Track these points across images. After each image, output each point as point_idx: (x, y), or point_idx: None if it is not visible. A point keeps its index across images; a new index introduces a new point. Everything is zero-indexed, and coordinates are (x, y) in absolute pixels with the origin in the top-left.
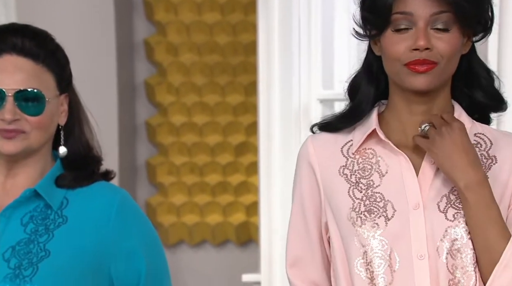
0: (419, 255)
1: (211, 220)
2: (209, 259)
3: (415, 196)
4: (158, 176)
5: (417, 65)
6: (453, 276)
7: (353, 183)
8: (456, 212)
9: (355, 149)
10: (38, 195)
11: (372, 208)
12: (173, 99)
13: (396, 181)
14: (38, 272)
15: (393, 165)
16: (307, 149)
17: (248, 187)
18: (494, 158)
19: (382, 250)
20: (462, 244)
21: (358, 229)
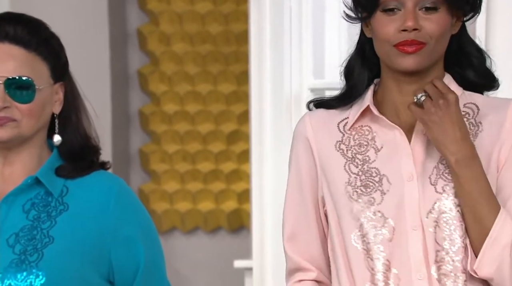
0: (413, 226)
1: (204, 207)
2: (201, 246)
3: (409, 168)
4: (151, 163)
5: (406, 46)
6: (441, 247)
7: (349, 158)
8: (445, 184)
9: (350, 125)
10: (39, 182)
11: (368, 182)
12: (165, 88)
13: (391, 155)
14: (43, 258)
15: (388, 140)
16: (304, 124)
17: (240, 174)
18: (480, 124)
19: (377, 222)
20: (450, 217)
21: (354, 203)
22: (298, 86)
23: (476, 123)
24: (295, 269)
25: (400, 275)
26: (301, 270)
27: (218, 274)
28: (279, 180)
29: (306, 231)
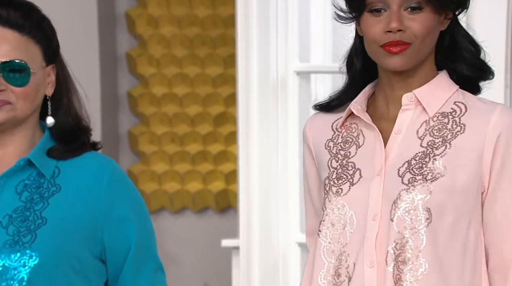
0: (372, 216)
1: (192, 187)
2: (189, 225)
3: (379, 163)
4: (140, 145)
5: (391, 47)
6: (402, 236)
7: (333, 154)
8: (411, 177)
9: (340, 123)
10: (31, 164)
11: (342, 175)
12: (154, 71)
13: (369, 151)
14: (36, 239)
15: (369, 137)
16: (305, 129)
17: (227, 156)
18: (463, 126)
19: (342, 213)
20: (412, 207)
21: (327, 196)
22: (284, 70)
23: (460, 123)
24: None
25: (356, 263)
26: None
27: (206, 253)
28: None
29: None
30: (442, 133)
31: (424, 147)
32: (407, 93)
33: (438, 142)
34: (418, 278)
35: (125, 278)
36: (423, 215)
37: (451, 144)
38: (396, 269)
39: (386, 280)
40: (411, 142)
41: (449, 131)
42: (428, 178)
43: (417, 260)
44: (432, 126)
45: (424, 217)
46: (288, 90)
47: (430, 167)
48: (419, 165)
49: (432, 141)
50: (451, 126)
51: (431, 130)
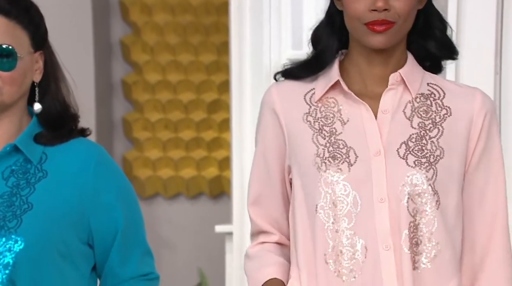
0: (379, 198)
1: (185, 174)
2: (183, 211)
3: (376, 143)
4: (134, 131)
5: (376, 25)
6: (414, 219)
7: (317, 130)
8: (416, 159)
9: (318, 98)
10: (18, 149)
11: (336, 154)
12: (147, 58)
13: (358, 129)
14: (22, 224)
15: (354, 113)
16: (271, 95)
17: (220, 142)
18: (449, 108)
19: (345, 194)
20: (422, 190)
21: (323, 174)
22: (277, 57)
23: (444, 106)
24: (258, 232)
25: (367, 245)
26: (264, 233)
27: (200, 239)
28: None
29: (269, 197)
30: (430, 115)
31: (415, 128)
32: (393, 74)
33: (429, 124)
34: (432, 259)
35: (113, 263)
36: (433, 197)
37: (443, 126)
38: (411, 251)
39: (403, 262)
40: (401, 122)
41: (436, 113)
42: (432, 160)
43: (430, 242)
44: (417, 107)
45: (434, 200)
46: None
47: (430, 149)
48: (418, 147)
49: (423, 123)
50: (435, 109)
51: (417, 112)
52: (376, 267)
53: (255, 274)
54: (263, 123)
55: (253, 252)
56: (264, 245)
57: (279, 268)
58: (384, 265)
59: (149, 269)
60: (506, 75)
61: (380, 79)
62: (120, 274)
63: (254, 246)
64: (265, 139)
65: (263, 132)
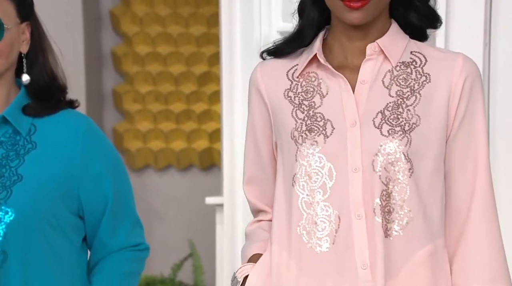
0: (353, 169)
1: (176, 146)
2: (174, 183)
3: (352, 114)
4: (124, 103)
5: (352, 2)
6: (386, 187)
7: (296, 105)
8: (390, 128)
9: (299, 72)
10: (6, 121)
11: (313, 127)
12: (137, 29)
13: (336, 101)
14: (12, 195)
15: (333, 86)
16: (256, 75)
17: (211, 115)
18: (428, 75)
19: (320, 166)
20: (395, 158)
21: (299, 147)
22: (267, 29)
23: (424, 73)
24: (256, 210)
25: (340, 215)
26: (261, 211)
27: (190, 210)
28: None
29: (261, 176)
30: (408, 83)
31: (393, 96)
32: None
33: (407, 92)
34: (404, 226)
35: (103, 234)
36: (406, 165)
37: (420, 94)
38: (383, 220)
39: (375, 230)
40: (379, 92)
41: (415, 81)
42: (406, 128)
43: (402, 210)
44: (396, 75)
45: (407, 168)
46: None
47: (405, 117)
48: (394, 116)
49: (401, 91)
50: (415, 76)
51: (396, 80)
52: (348, 236)
53: (245, 251)
54: (250, 104)
55: (249, 230)
56: (260, 223)
57: (265, 243)
58: (356, 234)
59: (139, 240)
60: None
61: (360, 51)
62: (110, 245)
63: (251, 224)
64: (253, 120)
65: (251, 113)
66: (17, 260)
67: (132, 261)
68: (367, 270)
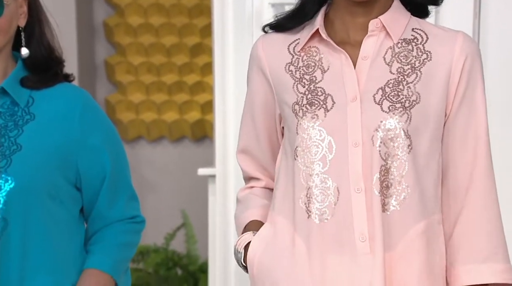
0: (354, 143)
1: (168, 117)
2: (166, 154)
3: (353, 89)
4: (116, 75)
5: None
6: (385, 163)
7: (297, 79)
8: (390, 105)
9: (300, 47)
10: (5, 92)
11: (314, 101)
12: (129, 0)
13: (337, 76)
14: (12, 164)
15: (334, 61)
16: (256, 49)
17: (203, 86)
18: (429, 53)
19: (320, 139)
20: (395, 134)
21: (300, 120)
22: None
23: (425, 51)
24: (248, 178)
25: (339, 188)
26: (253, 179)
27: (183, 181)
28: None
29: (255, 147)
30: (409, 61)
31: (394, 73)
32: (373, 20)
33: (408, 69)
34: (401, 201)
35: (100, 206)
36: (405, 141)
37: (421, 71)
38: (381, 194)
39: (373, 204)
40: (380, 68)
41: (416, 58)
42: (406, 105)
43: (400, 185)
44: (397, 52)
45: (406, 144)
46: (263, 21)
47: (406, 94)
48: (394, 93)
49: (402, 69)
50: (416, 54)
51: (398, 57)
52: (347, 209)
53: (239, 217)
54: (250, 77)
55: (241, 196)
56: (252, 189)
57: (260, 210)
58: (355, 207)
59: (135, 212)
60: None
61: (362, 27)
62: (107, 217)
63: (243, 190)
64: (252, 93)
65: (251, 86)
66: (18, 227)
67: (129, 233)
68: (366, 243)
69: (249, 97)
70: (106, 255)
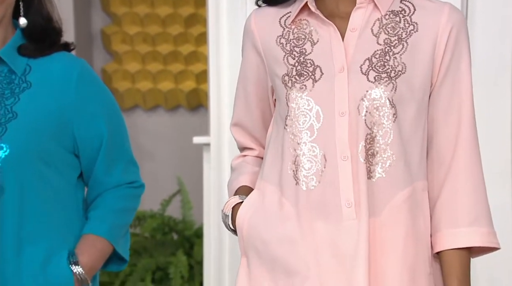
0: (340, 112)
1: (164, 86)
2: (162, 123)
3: (340, 60)
4: (112, 44)
5: None
6: (371, 131)
7: (288, 51)
8: (376, 75)
9: (291, 20)
10: (1, 61)
11: (303, 72)
12: None
13: (326, 48)
14: (7, 132)
15: (324, 34)
16: (250, 22)
17: (197, 56)
18: (416, 24)
19: (307, 109)
20: (380, 103)
21: (289, 90)
22: None
23: (412, 22)
24: (242, 148)
25: (326, 156)
26: (246, 148)
27: (178, 149)
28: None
29: (248, 120)
30: (396, 32)
31: (381, 44)
32: None
33: (394, 40)
34: (386, 169)
35: (98, 172)
36: (390, 110)
37: (407, 42)
38: (367, 162)
39: (359, 172)
40: (367, 39)
41: (403, 30)
42: (392, 75)
43: (385, 153)
44: (385, 24)
45: (391, 113)
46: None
47: (391, 64)
48: (381, 63)
49: (389, 40)
50: (403, 25)
51: (385, 28)
52: (334, 176)
53: (231, 183)
54: (244, 50)
55: (235, 164)
56: (245, 157)
57: (251, 176)
58: (341, 174)
59: (134, 177)
60: None
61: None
62: (106, 182)
63: (237, 158)
64: (246, 66)
65: (244, 59)
66: (14, 194)
67: (128, 198)
68: (352, 209)
69: (243, 72)
70: (103, 220)
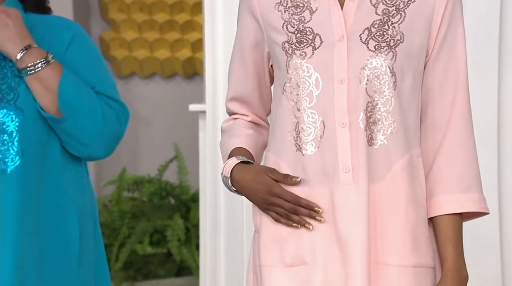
0: (339, 80)
1: (160, 55)
2: (159, 90)
3: (340, 29)
4: (110, 13)
5: None
6: (372, 99)
7: (287, 19)
8: (376, 44)
9: None
10: None
11: (303, 39)
12: None
13: (325, 17)
14: (19, 96)
15: (322, 2)
16: None
17: (193, 25)
18: None
19: (307, 75)
20: (381, 72)
21: (289, 57)
22: None
23: None
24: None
25: (325, 122)
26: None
27: (175, 116)
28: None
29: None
30: (394, 2)
31: (379, 14)
32: None
33: (393, 10)
34: (388, 136)
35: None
36: (391, 79)
37: (405, 12)
38: (368, 129)
39: (359, 138)
40: (366, 9)
41: (400, 0)
42: (391, 44)
43: (387, 120)
44: None
45: (392, 81)
46: None
47: (390, 34)
48: (380, 33)
49: (387, 10)
50: None
51: None
52: (332, 142)
53: (224, 145)
54: (240, 19)
55: (225, 126)
56: (236, 120)
57: (245, 138)
58: (339, 141)
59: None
60: None
61: None
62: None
63: (228, 121)
64: (242, 35)
65: (241, 28)
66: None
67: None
68: (349, 174)
69: (239, 41)
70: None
